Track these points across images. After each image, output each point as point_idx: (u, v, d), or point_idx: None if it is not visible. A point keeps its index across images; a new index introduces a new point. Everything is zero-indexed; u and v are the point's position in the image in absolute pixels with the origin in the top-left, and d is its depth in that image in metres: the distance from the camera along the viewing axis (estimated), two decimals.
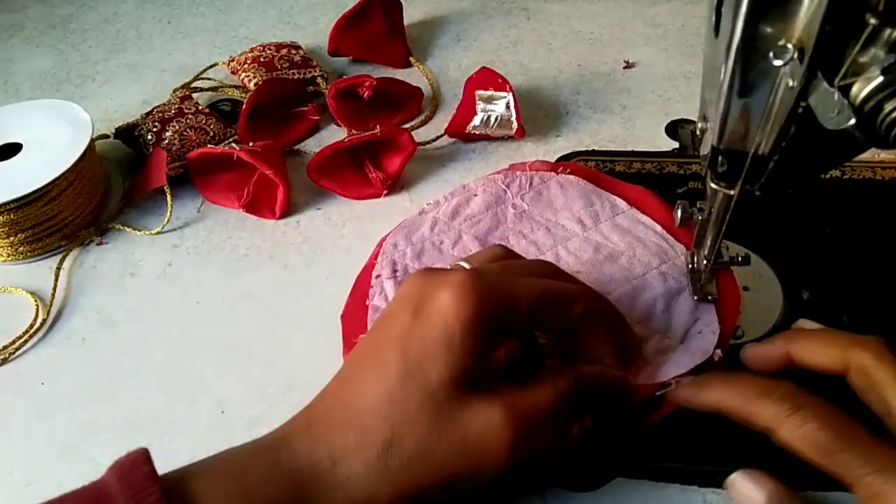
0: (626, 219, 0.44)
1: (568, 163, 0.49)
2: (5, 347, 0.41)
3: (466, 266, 0.32)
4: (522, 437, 0.27)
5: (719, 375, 0.32)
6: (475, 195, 0.46)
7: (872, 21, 0.23)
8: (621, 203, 0.45)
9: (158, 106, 0.55)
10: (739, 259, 0.38)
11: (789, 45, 0.25)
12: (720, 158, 0.32)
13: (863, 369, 0.29)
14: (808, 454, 0.27)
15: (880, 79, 0.23)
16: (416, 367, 0.27)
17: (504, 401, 0.27)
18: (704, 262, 0.38)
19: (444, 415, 0.26)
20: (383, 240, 0.44)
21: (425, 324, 0.27)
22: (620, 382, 0.32)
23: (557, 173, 0.47)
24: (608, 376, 0.32)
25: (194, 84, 0.62)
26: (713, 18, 0.29)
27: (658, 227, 0.43)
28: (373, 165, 0.51)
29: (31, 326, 0.42)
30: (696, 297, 0.39)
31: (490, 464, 0.27)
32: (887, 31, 0.23)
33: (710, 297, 0.39)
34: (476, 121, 0.52)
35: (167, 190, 0.48)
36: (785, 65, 0.26)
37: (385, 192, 0.50)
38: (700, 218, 0.38)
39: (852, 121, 0.24)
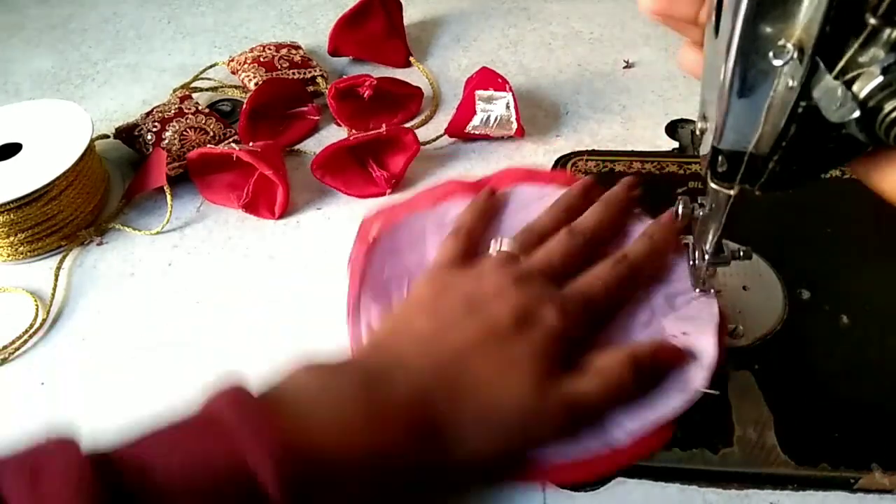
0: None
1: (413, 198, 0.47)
2: (5, 347, 0.41)
3: (511, 251, 0.38)
4: (573, 425, 0.32)
5: None
6: None
7: (872, 21, 0.23)
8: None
9: (158, 106, 0.55)
10: (741, 254, 0.38)
11: (789, 45, 0.25)
12: (720, 158, 0.32)
13: None
14: None
15: (880, 78, 0.23)
16: (511, 367, 0.32)
17: (563, 391, 0.32)
18: (706, 257, 0.38)
19: (526, 402, 0.31)
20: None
21: (529, 336, 0.33)
22: (677, 354, 0.35)
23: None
24: (664, 351, 0.34)
25: (194, 84, 0.62)
26: (713, 18, 0.29)
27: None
28: (376, 165, 0.51)
29: (31, 326, 0.42)
30: (697, 290, 0.39)
31: (538, 446, 0.32)
32: (887, 31, 0.23)
33: (712, 291, 0.38)
34: (476, 121, 0.52)
35: (167, 190, 0.48)
36: (785, 64, 0.26)
37: (389, 190, 0.50)
38: (701, 213, 0.38)
39: (857, 113, 0.24)
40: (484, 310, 0.34)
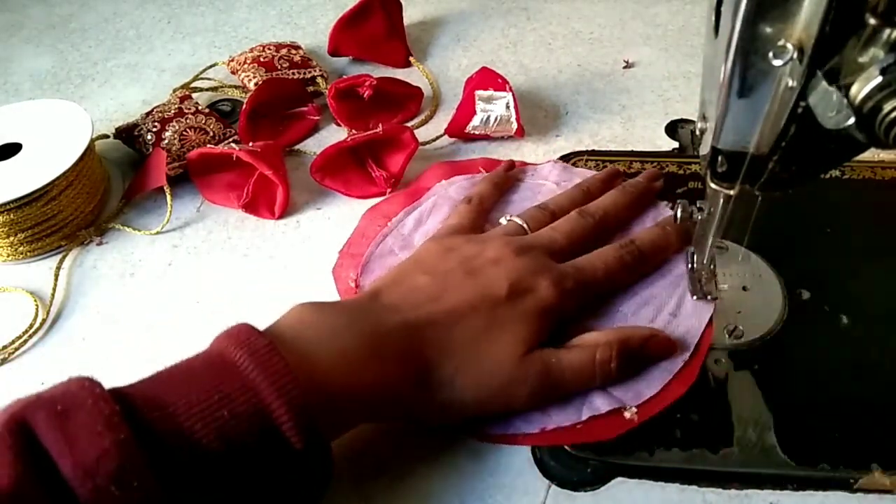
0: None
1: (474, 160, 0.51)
2: (5, 347, 0.41)
3: (521, 223, 0.41)
4: (547, 392, 0.34)
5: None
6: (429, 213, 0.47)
7: (872, 21, 0.23)
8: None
9: (158, 106, 0.55)
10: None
11: (789, 45, 0.25)
12: (720, 158, 0.32)
13: None
14: None
15: (879, 79, 0.23)
16: (499, 330, 0.34)
17: (546, 359, 0.34)
18: (705, 259, 0.38)
19: (507, 365, 0.33)
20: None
21: (520, 304, 0.35)
22: (668, 346, 0.36)
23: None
24: (655, 342, 0.36)
25: (194, 84, 0.62)
26: (713, 18, 0.29)
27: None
28: (375, 164, 0.51)
29: (31, 326, 0.42)
30: (695, 297, 0.39)
31: (515, 408, 0.34)
32: (887, 31, 0.23)
33: (709, 297, 0.39)
34: (476, 121, 0.52)
35: (167, 190, 0.48)
36: (784, 65, 0.26)
37: (389, 190, 0.50)
38: (700, 218, 0.38)
39: (851, 120, 0.24)
40: (481, 275, 0.36)
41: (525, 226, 0.41)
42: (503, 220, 0.42)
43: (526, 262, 0.37)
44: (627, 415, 0.34)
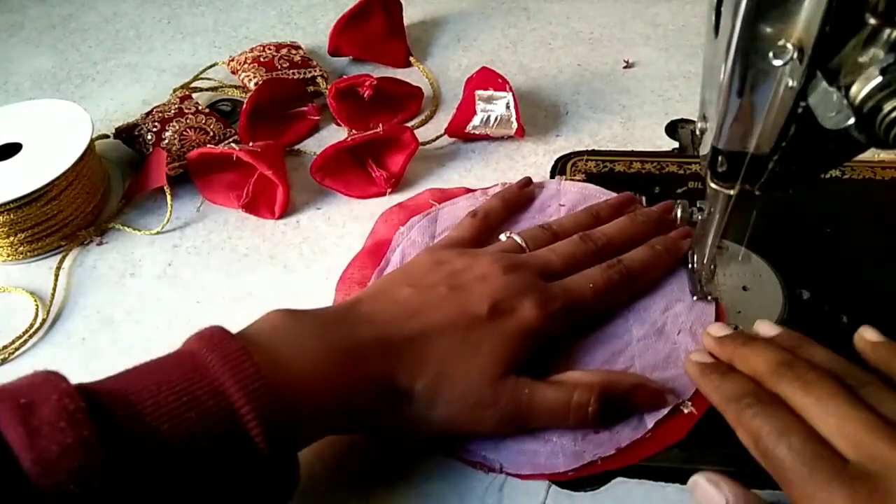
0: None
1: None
2: (5, 347, 0.41)
3: (520, 242, 0.39)
4: (515, 423, 0.33)
5: (720, 367, 0.33)
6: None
7: (872, 21, 0.23)
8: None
9: (158, 106, 0.55)
10: (739, 258, 0.39)
11: (789, 45, 0.25)
12: (720, 158, 0.32)
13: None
14: (753, 454, 0.29)
15: (879, 79, 0.23)
16: (473, 349, 0.33)
17: (519, 389, 0.33)
18: (705, 259, 0.38)
19: (479, 386, 0.32)
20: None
21: (500, 324, 0.34)
22: (656, 396, 0.34)
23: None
24: (643, 392, 0.34)
25: (194, 84, 0.62)
26: (713, 18, 0.29)
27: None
28: (375, 164, 0.51)
29: (31, 326, 0.42)
30: (695, 298, 0.39)
31: (482, 432, 0.33)
32: (887, 31, 0.23)
33: (710, 297, 0.39)
34: (476, 121, 0.52)
35: (167, 190, 0.48)
36: (785, 65, 0.26)
37: (389, 190, 0.50)
38: (700, 218, 0.38)
39: (851, 120, 0.24)
40: (464, 291, 0.35)
41: (524, 244, 0.39)
42: (502, 237, 0.41)
43: (512, 281, 0.35)
44: (686, 410, 0.34)
